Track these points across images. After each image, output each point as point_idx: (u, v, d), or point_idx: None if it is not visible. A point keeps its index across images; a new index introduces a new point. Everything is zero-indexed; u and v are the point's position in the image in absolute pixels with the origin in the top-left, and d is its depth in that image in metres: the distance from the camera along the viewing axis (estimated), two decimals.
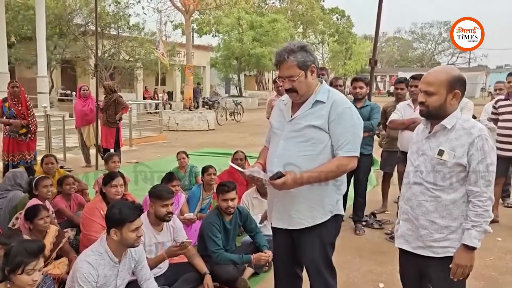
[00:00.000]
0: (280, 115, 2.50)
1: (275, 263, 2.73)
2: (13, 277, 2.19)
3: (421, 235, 2.20)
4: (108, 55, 19.01)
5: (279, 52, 2.34)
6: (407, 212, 2.28)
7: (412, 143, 2.34)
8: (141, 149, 10.55)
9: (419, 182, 2.20)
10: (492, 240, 4.56)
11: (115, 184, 3.78)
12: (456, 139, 2.10)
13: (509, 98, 4.83)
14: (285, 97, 2.51)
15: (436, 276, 2.21)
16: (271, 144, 2.53)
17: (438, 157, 2.13)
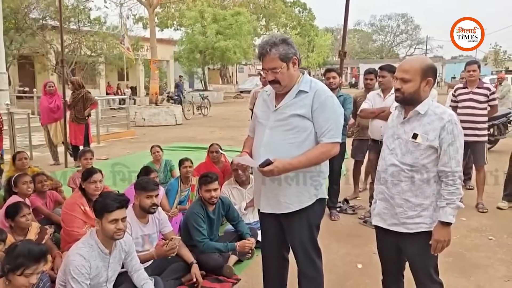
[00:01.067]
0: (264, 105, 2.59)
1: (264, 246, 2.84)
2: (11, 276, 2.20)
3: (396, 213, 2.37)
4: (69, 50, 18.44)
5: (262, 45, 2.44)
6: (383, 192, 2.44)
7: (387, 128, 2.50)
8: (110, 146, 10.39)
9: (395, 164, 2.36)
10: (457, 220, 4.79)
11: (94, 180, 3.77)
12: (429, 124, 2.28)
13: (468, 86, 5.12)
14: (268, 88, 2.61)
15: (411, 250, 2.41)
16: (256, 133, 2.63)
17: (412, 140, 2.30)
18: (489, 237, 4.36)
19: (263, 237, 2.80)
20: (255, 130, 2.67)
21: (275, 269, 2.79)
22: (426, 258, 2.38)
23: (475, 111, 5.03)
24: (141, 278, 2.91)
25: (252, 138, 2.70)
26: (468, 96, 5.06)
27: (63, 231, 3.69)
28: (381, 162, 2.49)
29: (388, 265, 2.62)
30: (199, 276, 3.32)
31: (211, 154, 5.24)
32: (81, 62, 19.32)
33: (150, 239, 3.42)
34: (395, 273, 2.61)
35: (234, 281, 3.43)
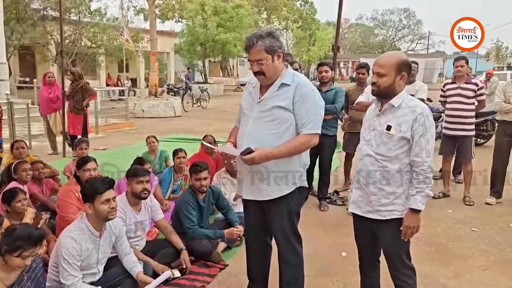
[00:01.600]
0: (249, 97, 2.71)
1: (247, 232, 2.97)
2: (8, 257, 2.32)
3: (371, 200, 2.49)
4: (69, 41, 18.51)
5: (249, 37, 2.55)
6: (359, 181, 2.55)
7: (365, 120, 2.61)
8: (108, 136, 10.51)
9: (370, 154, 2.48)
10: (443, 212, 4.99)
11: (88, 168, 3.89)
12: (402, 116, 2.39)
13: (456, 81, 5.22)
14: (254, 81, 2.71)
15: (384, 237, 2.53)
16: (241, 124, 2.75)
17: (386, 131, 2.42)
18: (472, 229, 4.48)
19: (246, 224, 2.93)
20: (240, 121, 2.79)
21: (258, 254, 2.91)
22: (399, 244, 2.50)
23: (463, 106, 5.13)
24: (130, 261, 3.04)
25: (237, 129, 2.82)
26: (456, 92, 5.16)
27: (58, 216, 3.82)
28: (358, 153, 2.62)
29: (365, 251, 2.74)
30: (188, 261, 3.45)
31: (205, 145, 5.36)
32: (81, 53, 19.40)
33: (142, 226, 3.55)
34: (371, 259, 2.73)
35: (221, 267, 3.56)
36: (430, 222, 4.64)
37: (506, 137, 5.16)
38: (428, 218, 4.74)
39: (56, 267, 2.73)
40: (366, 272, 2.78)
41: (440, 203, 5.26)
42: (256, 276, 2.96)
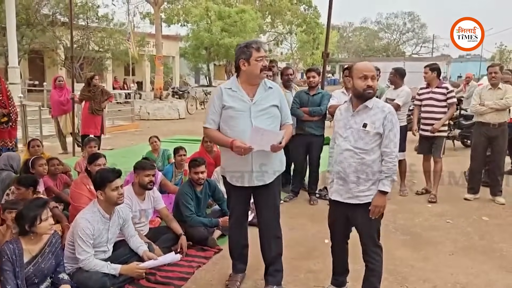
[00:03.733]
0: (236, 99, 3.04)
1: (233, 215, 3.39)
2: (35, 229, 2.79)
3: (350, 188, 2.90)
4: (77, 46, 19.08)
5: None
6: (339, 172, 2.96)
7: (337, 120, 3.04)
8: (115, 137, 11.00)
9: (349, 149, 2.88)
10: (424, 206, 5.41)
11: (99, 163, 4.36)
12: (374, 115, 2.83)
13: (429, 86, 5.64)
14: (230, 86, 3.10)
15: (361, 218, 2.95)
16: (237, 123, 3.01)
17: (363, 128, 2.84)
18: (447, 221, 4.89)
19: (233, 206, 3.32)
20: (227, 122, 3.05)
21: (239, 233, 3.38)
22: (372, 224, 2.94)
23: (434, 109, 5.53)
24: (136, 242, 3.50)
25: (217, 130, 3.10)
26: (429, 95, 5.58)
27: (71, 207, 4.28)
28: (336, 148, 3.03)
29: (338, 234, 3.17)
30: (185, 246, 3.90)
31: (205, 143, 5.81)
32: (89, 57, 19.97)
33: (146, 213, 4.02)
34: (342, 240, 3.16)
35: (216, 250, 4.00)
36: (409, 215, 5.06)
37: (482, 137, 5.56)
38: (409, 212, 5.18)
39: (72, 245, 3.19)
40: (336, 252, 3.20)
41: (422, 199, 5.67)
42: (240, 255, 3.41)
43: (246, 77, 3.07)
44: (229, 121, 3.05)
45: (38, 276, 2.84)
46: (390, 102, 5.24)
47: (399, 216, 4.98)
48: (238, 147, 2.92)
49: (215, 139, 3.19)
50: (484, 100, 5.42)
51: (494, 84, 5.44)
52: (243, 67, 3.04)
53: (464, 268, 3.69)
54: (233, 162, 3.11)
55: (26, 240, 2.82)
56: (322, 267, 3.73)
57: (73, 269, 3.18)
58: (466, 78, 12.76)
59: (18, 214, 2.89)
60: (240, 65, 3.05)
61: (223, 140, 3.06)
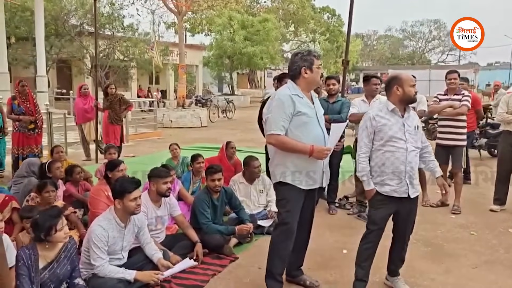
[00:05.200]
0: (306, 106, 3.12)
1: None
2: (50, 238, 2.82)
3: (415, 183, 3.22)
4: (103, 55, 19.56)
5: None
6: (408, 171, 3.16)
7: (386, 125, 3.17)
8: (137, 145, 11.16)
9: (413, 149, 3.19)
10: (447, 217, 5.25)
11: (121, 169, 4.40)
12: (414, 117, 3.29)
13: (448, 93, 5.48)
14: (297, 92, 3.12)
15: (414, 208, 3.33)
16: (310, 129, 3.10)
17: (416, 130, 3.23)
18: (471, 232, 4.72)
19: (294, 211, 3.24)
20: (300, 128, 3.08)
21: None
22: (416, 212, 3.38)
23: (454, 117, 5.37)
24: (152, 249, 3.51)
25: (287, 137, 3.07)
26: (447, 103, 5.41)
27: (90, 213, 4.32)
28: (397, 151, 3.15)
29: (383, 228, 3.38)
30: (200, 253, 3.88)
31: (231, 149, 5.88)
32: (114, 66, 20.43)
33: (162, 220, 4.02)
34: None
35: (232, 259, 3.97)
36: (432, 226, 4.92)
37: (509, 147, 5.36)
38: (431, 222, 5.03)
39: (87, 251, 3.22)
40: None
41: (445, 210, 5.51)
42: None
43: (305, 84, 3.16)
44: (302, 127, 3.09)
45: (53, 281, 2.87)
46: None
47: (420, 227, 4.82)
48: (320, 151, 3.03)
49: (289, 145, 3.07)
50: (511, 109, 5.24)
51: None
52: (305, 74, 3.13)
53: (488, 283, 3.55)
54: (305, 166, 3.15)
55: (42, 247, 2.86)
56: (339, 278, 3.65)
57: (89, 275, 3.20)
58: (495, 86, 12.46)
59: (33, 222, 2.94)
60: (302, 73, 3.13)
61: (299, 147, 3.06)
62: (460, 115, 5.37)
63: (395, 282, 3.42)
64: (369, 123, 3.21)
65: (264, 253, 4.12)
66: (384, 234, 3.43)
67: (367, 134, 3.22)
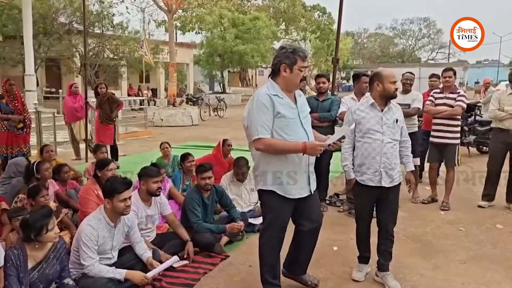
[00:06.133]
0: (287, 107, 2.93)
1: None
2: (41, 238, 2.80)
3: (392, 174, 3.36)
4: (93, 54, 19.38)
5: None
6: (384, 162, 3.32)
7: (365, 118, 3.35)
8: (128, 143, 11.09)
9: (389, 141, 3.34)
10: (436, 214, 5.30)
11: (110, 168, 4.37)
12: (397, 112, 3.43)
13: (443, 91, 5.52)
14: (277, 93, 2.92)
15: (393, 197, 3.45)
16: (293, 131, 2.92)
17: (396, 123, 3.38)
18: (460, 228, 4.77)
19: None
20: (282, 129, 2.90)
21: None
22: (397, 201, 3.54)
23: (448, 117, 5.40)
24: (141, 248, 3.49)
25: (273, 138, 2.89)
26: (443, 101, 5.44)
27: (80, 212, 4.30)
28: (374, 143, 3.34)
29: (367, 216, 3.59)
30: (191, 252, 3.88)
31: (225, 147, 5.90)
32: (104, 64, 20.27)
33: (152, 219, 4.01)
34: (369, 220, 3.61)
35: (223, 257, 3.97)
36: (421, 222, 4.96)
37: (500, 144, 5.40)
38: (420, 219, 5.08)
39: (77, 251, 3.20)
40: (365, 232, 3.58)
41: (434, 206, 5.56)
42: None
43: (284, 84, 2.95)
44: (285, 129, 2.92)
45: (42, 281, 2.85)
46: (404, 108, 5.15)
47: (410, 224, 4.88)
48: (313, 147, 2.84)
49: (279, 146, 2.89)
50: (503, 105, 5.29)
51: None
52: (284, 73, 2.92)
53: (476, 278, 3.59)
54: (288, 171, 3.01)
55: (31, 247, 2.83)
56: (329, 275, 3.68)
57: (79, 275, 3.18)
58: (485, 84, 12.56)
59: (23, 222, 2.91)
60: (281, 70, 2.92)
61: (290, 146, 2.89)
62: (455, 115, 5.41)
63: (384, 278, 3.45)
64: (350, 116, 3.45)
65: (256, 251, 4.13)
66: (373, 231, 3.56)
67: (362, 124, 3.39)
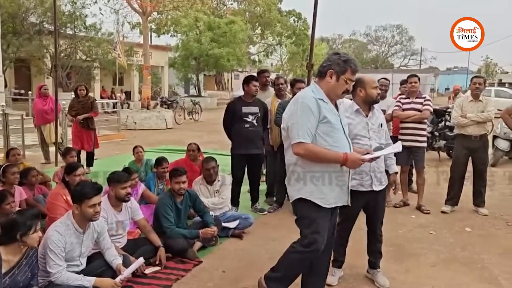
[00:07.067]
0: (331, 112, 2.80)
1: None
2: (26, 238, 2.77)
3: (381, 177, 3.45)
4: (64, 55, 18.96)
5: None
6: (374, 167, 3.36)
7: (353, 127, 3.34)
8: (100, 147, 10.77)
9: (377, 146, 3.38)
10: (407, 218, 5.38)
11: (78, 173, 4.26)
12: (379, 116, 3.56)
13: (409, 97, 5.65)
14: (322, 97, 2.79)
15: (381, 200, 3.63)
16: (337, 138, 2.78)
17: (381, 128, 3.51)
18: (430, 232, 4.87)
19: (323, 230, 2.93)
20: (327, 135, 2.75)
21: None
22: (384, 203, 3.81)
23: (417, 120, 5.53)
24: (111, 255, 3.40)
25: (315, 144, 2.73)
26: (410, 106, 5.57)
27: (48, 218, 4.15)
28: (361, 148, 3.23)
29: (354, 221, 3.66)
30: (163, 258, 3.81)
31: (188, 152, 5.77)
32: (76, 66, 19.85)
33: (123, 225, 3.91)
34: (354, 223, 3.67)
35: (196, 263, 3.91)
36: (394, 226, 5.03)
37: (464, 150, 5.54)
38: (392, 222, 5.13)
39: (43, 258, 3.08)
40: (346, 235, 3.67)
41: (406, 210, 5.65)
42: None
43: (326, 89, 2.82)
44: (330, 135, 2.76)
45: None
46: None
47: (383, 228, 4.92)
48: (355, 161, 2.71)
49: (321, 154, 2.71)
50: (465, 112, 5.43)
51: (476, 96, 5.44)
52: (329, 79, 2.80)
53: (446, 280, 3.66)
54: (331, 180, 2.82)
55: (7, 251, 2.74)
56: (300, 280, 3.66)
57: (45, 283, 3.07)
58: (455, 90, 12.91)
59: (9, 221, 2.83)
60: (327, 75, 2.80)
61: (331, 155, 2.72)
62: (424, 119, 5.61)
63: (374, 274, 3.61)
64: None
65: (229, 257, 4.11)
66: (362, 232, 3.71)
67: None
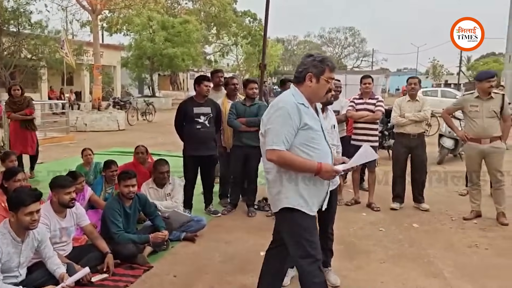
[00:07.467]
0: (312, 118, 2.67)
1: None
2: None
3: None
4: (8, 53, 18.00)
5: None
6: None
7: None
8: (46, 150, 10.35)
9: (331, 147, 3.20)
10: (358, 215, 5.50)
11: (18, 178, 4.03)
12: (332, 117, 3.90)
13: (363, 97, 5.79)
14: (303, 101, 2.66)
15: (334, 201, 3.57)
16: (319, 145, 2.67)
17: (333, 129, 3.79)
18: (380, 229, 4.98)
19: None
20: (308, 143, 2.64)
21: None
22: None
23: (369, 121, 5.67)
24: (54, 264, 3.23)
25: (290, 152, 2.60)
26: (363, 106, 5.71)
27: None
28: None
29: None
30: (111, 265, 3.66)
31: (136, 155, 5.61)
32: (21, 65, 18.88)
33: (67, 231, 3.73)
34: None
35: (146, 268, 3.79)
36: (345, 223, 5.11)
37: (403, 148, 5.72)
38: (344, 220, 5.22)
39: None
40: None
41: (357, 207, 5.78)
42: None
43: (308, 94, 2.69)
44: (311, 143, 2.64)
45: None
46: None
47: (334, 226, 4.99)
48: (328, 172, 2.60)
49: (296, 162, 2.59)
50: (403, 112, 5.63)
51: (412, 96, 5.66)
52: (309, 82, 2.68)
53: (394, 276, 3.75)
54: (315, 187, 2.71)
55: None
56: (256, 281, 3.62)
57: None
58: (403, 91, 13.42)
59: None
60: (306, 79, 2.68)
61: (305, 164, 2.59)
62: (376, 119, 5.76)
63: (326, 273, 3.53)
64: None
65: (181, 261, 4.03)
66: None
67: None
